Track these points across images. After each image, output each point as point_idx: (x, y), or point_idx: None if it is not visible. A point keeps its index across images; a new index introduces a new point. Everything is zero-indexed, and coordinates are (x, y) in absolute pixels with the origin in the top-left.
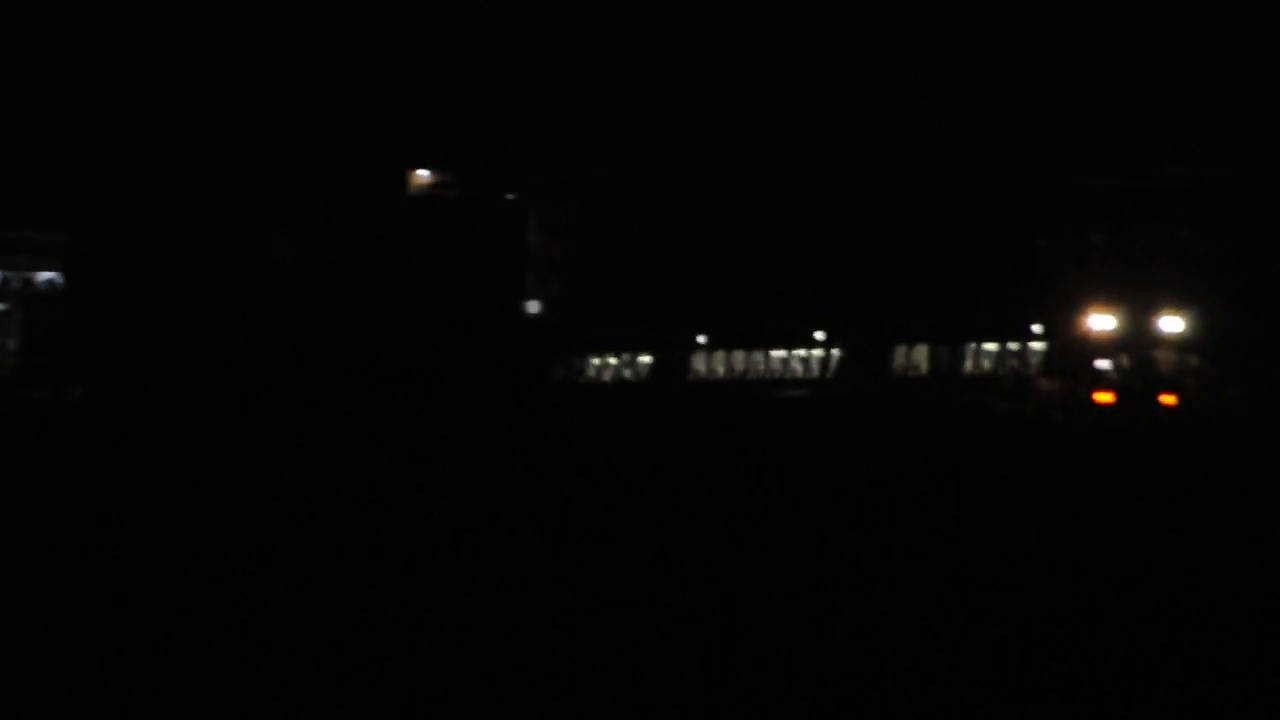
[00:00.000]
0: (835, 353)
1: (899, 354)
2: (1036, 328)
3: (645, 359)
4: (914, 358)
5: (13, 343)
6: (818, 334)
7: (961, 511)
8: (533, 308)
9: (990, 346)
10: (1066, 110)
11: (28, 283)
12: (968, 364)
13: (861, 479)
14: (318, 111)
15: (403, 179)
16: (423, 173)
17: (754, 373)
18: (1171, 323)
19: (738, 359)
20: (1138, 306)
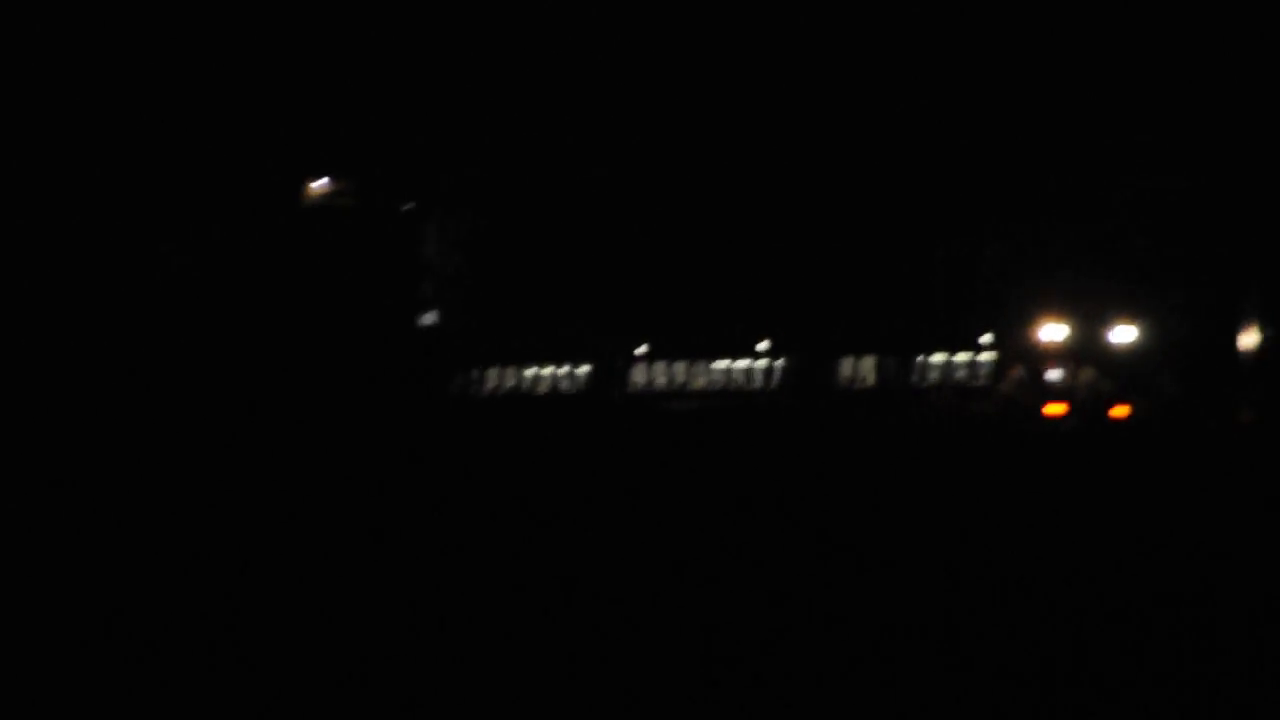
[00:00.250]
0: (779, 364)
1: (845, 366)
2: (986, 338)
3: (582, 369)
4: (861, 369)
5: None
6: (760, 345)
7: (913, 526)
8: (430, 318)
9: (938, 358)
10: (1018, 117)
11: None
12: (916, 376)
13: (809, 493)
14: (210, 118)
15: (298, 188)
16: (319, 182)
17: (694, 385)
18: (1124, 333)
19: (678, 370)
20: (1089, 316)
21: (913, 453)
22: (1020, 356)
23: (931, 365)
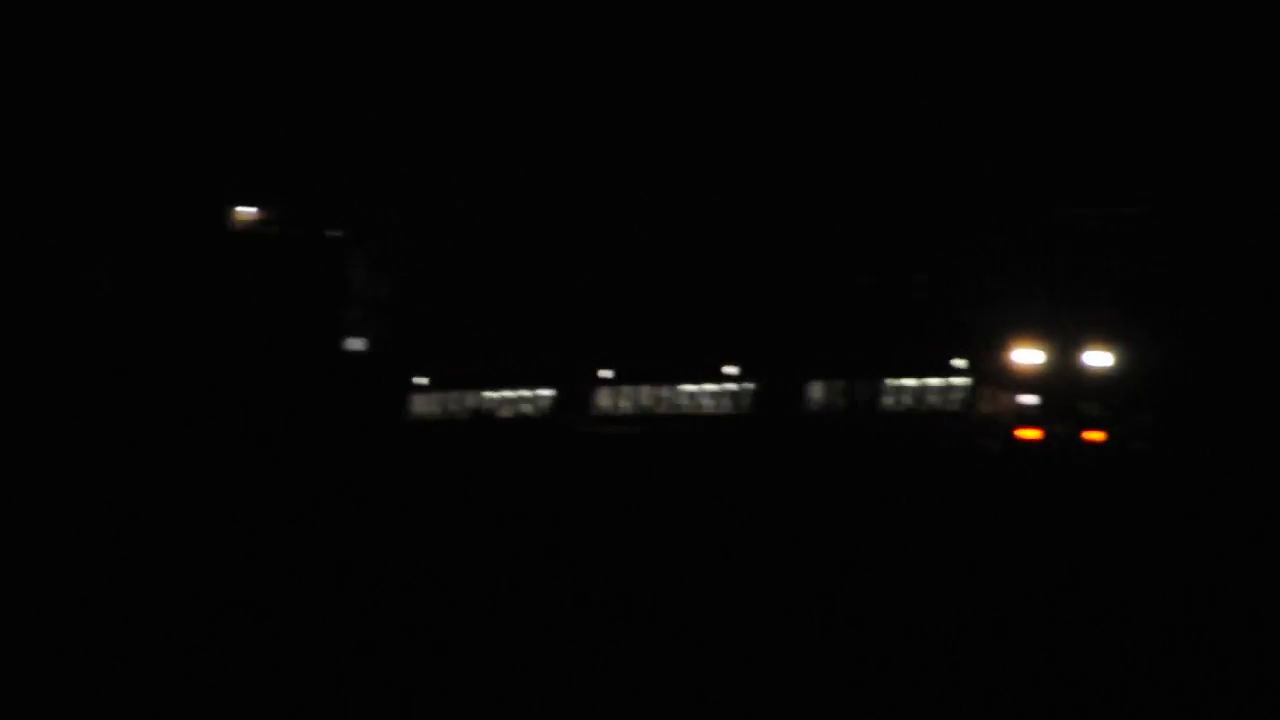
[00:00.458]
0: (748, 388)
1: (815, 389)
2: (959, 362)
3: (546, 393)
4: (831, 393)
5: None
6: (729, 369)
7: (883, 551)
8: (358, 344)
9: (910, 382)
10: (992, 142)
11: None
12: (887, 400)
13: (779, 521)
14: (140, 147)
15: (226, 216)
16: (246, 210)
17: (662, 409)
18: (1098, 357)
19: (644, 394)
20: (1063, 341)
21: (883, 479)
22: (994, 381)
23: (903, 389)
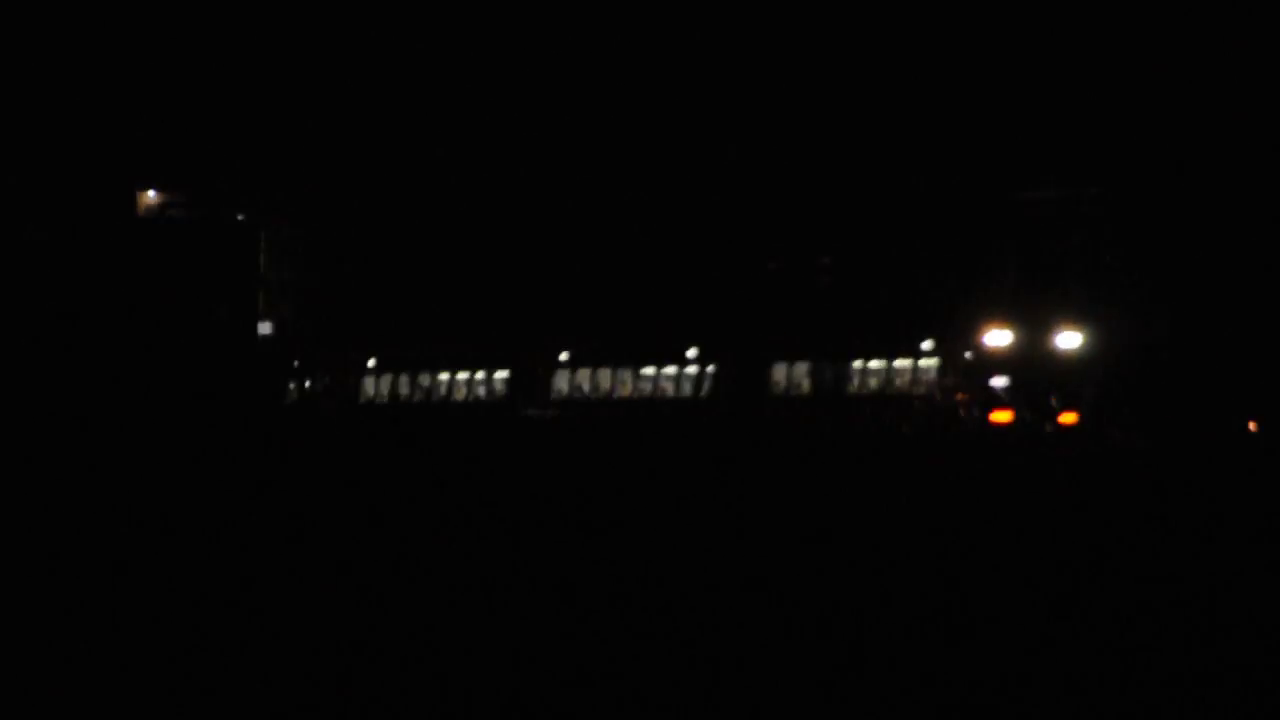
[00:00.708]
0: (709, 371)
1: (779, 372)
2: (927, 344)
3: (501, 375)
4: (795, 376)
5: None
6: (690, 351)
7: (852, 537)
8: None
9: (876, 364)
10: (954, 123)
11: None
12: (852, 383)
13: (743, 505)
14: (44, 129)
15: (132, 199)
16: (152, 193)
17: (621, 392)
18: (1069, 338)
19: (603, 377)
20: (1034, 322)
21: (851, 464)
22: (964, 363)
23: (870, 372)
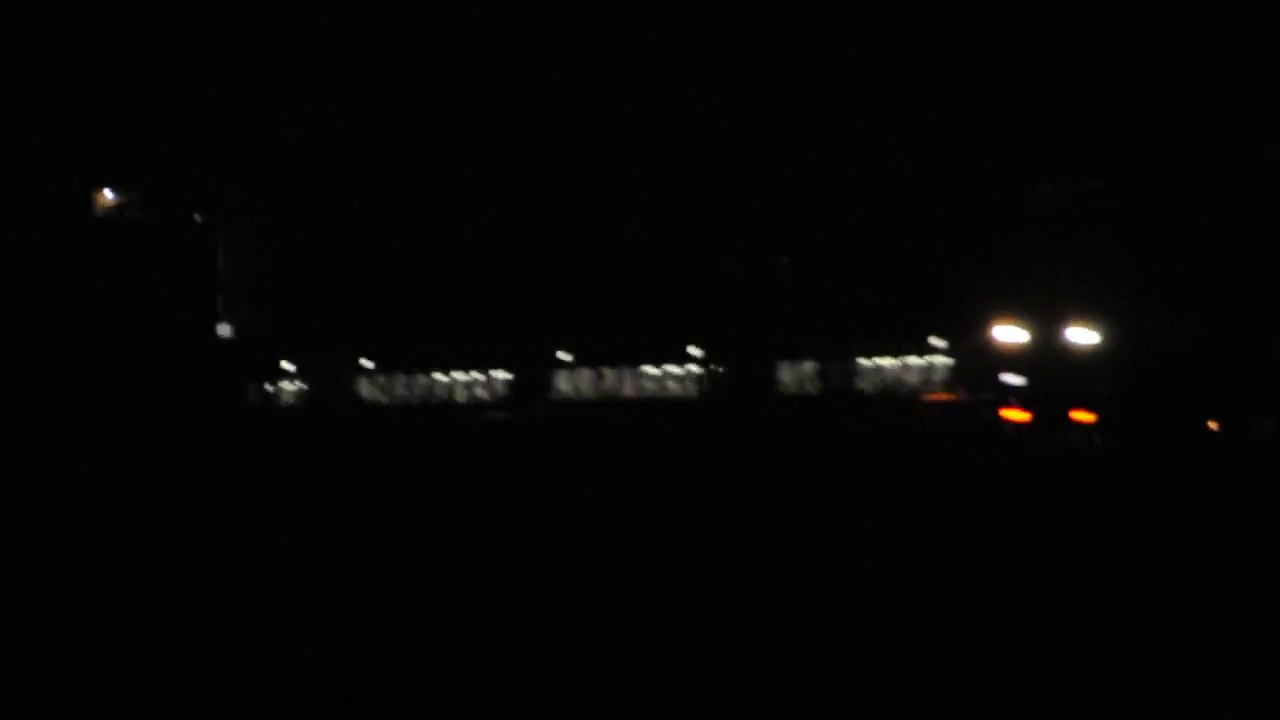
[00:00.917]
0: (715, 370)
1: (785, 371)
2: (937, 341)
3: (501, 376)
4: (801, 375)
5: None
6: (693, 350)
7: (865, 541)
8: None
9: (886, 362)
10: (971, 121)
11: None
12: (861, 381)
13: (750, 508)
14: None
15: (88, 198)
16: (108, 192)
17: (625, 392)
18: (1083, 334)
19: (607, 377)
20: (1047, 317)
21: (861, 466)
22: (976, 360)
23: (879, 370)
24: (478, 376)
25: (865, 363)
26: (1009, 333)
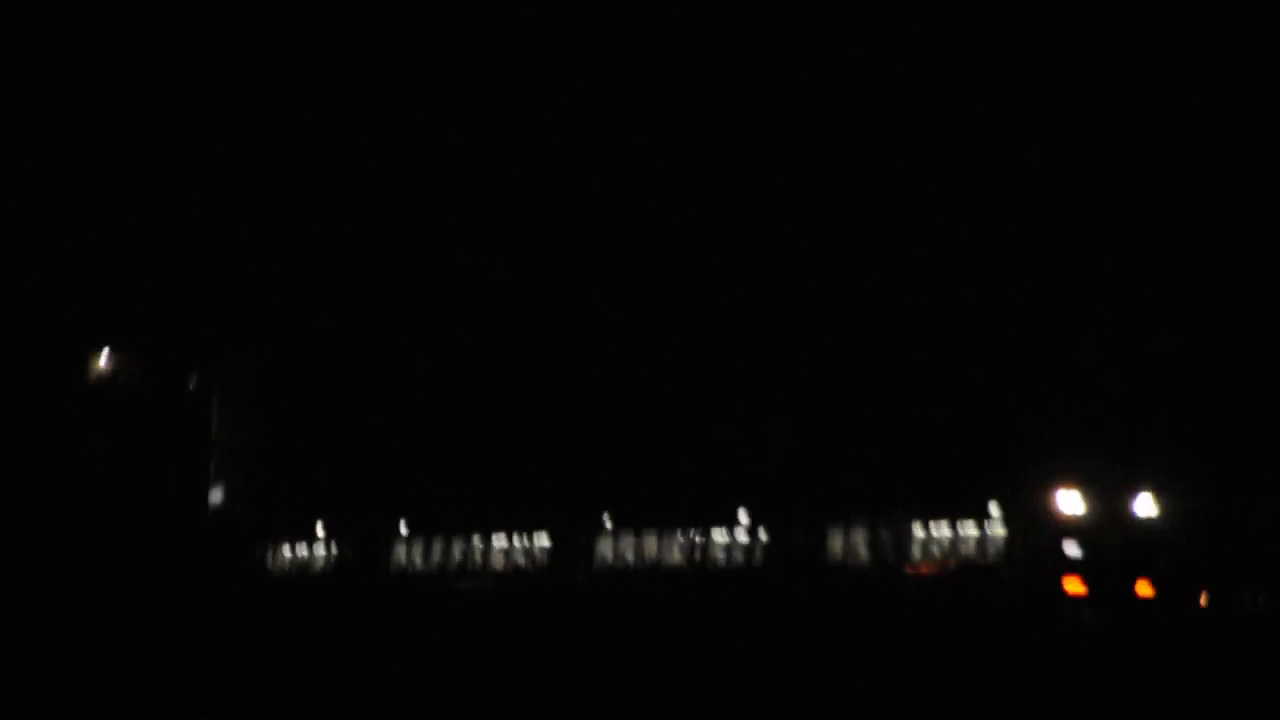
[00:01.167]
0: (760, 536)
1: (834, 538)
2: (994, 509)
3: (542, 543)
4: (853, 542)
5: None
6: (740, 514)
7: None
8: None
9: (942, 532)
10: (1021, 274)
11: None
12: (915, 550)
13: (799, 692)
14: None
15: (85, 363)
16: (104, 356)
17: (668, 561)
18: (1147, 503)
19: (649, 544)
20: (1109, 486)
21: (913, 647)
22: (1034, 528)
23: (933, 539)
24: (509, 544)
25: (920, 530)
26: (1068, 499)
